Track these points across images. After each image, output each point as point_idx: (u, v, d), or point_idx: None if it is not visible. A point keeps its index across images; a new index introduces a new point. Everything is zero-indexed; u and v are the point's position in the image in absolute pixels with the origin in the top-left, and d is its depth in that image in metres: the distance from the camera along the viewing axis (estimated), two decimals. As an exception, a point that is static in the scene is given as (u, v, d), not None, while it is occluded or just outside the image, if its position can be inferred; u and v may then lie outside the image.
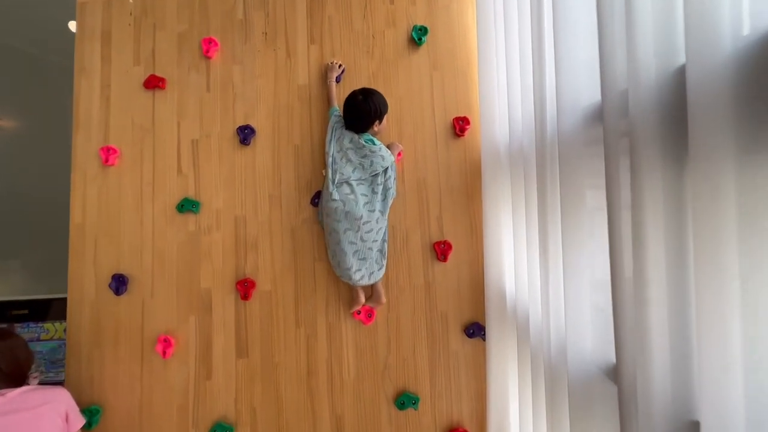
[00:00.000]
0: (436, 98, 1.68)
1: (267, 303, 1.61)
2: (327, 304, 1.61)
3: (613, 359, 0.81)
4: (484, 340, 1.56)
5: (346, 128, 1.55)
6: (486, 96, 1.46)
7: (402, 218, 1.63)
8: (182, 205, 1.63)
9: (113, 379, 1.61)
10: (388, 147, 1.62)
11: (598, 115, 0.83)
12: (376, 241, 1.52)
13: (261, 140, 1.67)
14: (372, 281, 1.52)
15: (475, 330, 1.56)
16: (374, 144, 1.52)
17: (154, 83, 1.67)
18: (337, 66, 1.65)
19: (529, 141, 1.08)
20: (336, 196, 1.49)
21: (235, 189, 1.66)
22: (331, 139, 1.55)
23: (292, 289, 1.62)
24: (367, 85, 1.66)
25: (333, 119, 1.58)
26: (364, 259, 1.50)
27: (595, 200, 0.88)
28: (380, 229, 1.52)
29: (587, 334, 0.91)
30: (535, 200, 1.05)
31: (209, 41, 1.68)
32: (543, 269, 1.02)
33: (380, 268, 1.54)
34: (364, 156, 1.51)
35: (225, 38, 1.71)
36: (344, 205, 1.47)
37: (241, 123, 1.67)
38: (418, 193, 1.64)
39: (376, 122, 1.52)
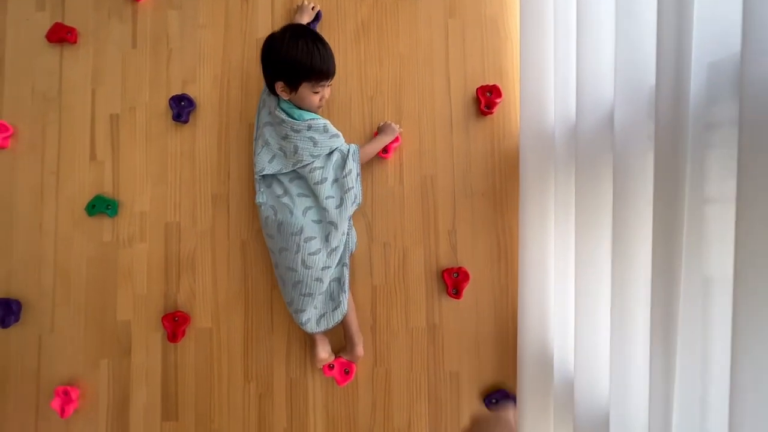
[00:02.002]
0: (453, 60, 1.16)
1: (205, 346, 1.15)
2: (288, 350, 1.14)
3: None
4: (513, 416, 1.06)
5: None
6: (532, 51, 0.94)
7: (398, 232, 1.13)
8: (93, 206, 1.17)
9: (-1, 440, 1.17)
10: (380, 130, 1.12)
11: None
12: (328, 267, 1.01)
13: (203, 117, 1.19)
14: (323, 327, 1.03)
15: (501, 400, 1.06)
16: (296, 119, 0.97)
17: (60, 35, 1.20)
18: (310, 8, 1.14)
19: (634, 109, 0.56)
20: (263, 198, 1.01)
21: (167, 185, 1.18)
22: (258, 110, 1.07)
23: (240, 327, 1.15)
24: (356, 40, 1.17)
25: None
26: (309, 294, 1.00)
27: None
28: (334, 249, 1.02)
29: None
30: (647, 210, 0.54)
31: (135, -24, 1.20)
32: (660, 343, 0.51)
33: (336, 308, 1.03)
34: (285, 137, 0.99)
35: (158, -28, 1.23)
36: (275, 213, 0.99)
37: (176, 92, 1.19)
38: (423, 197, 1.14)
39: (280, 83, 0.95)
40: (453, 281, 1.09)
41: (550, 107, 0.89)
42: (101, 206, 1.17)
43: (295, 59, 0.91)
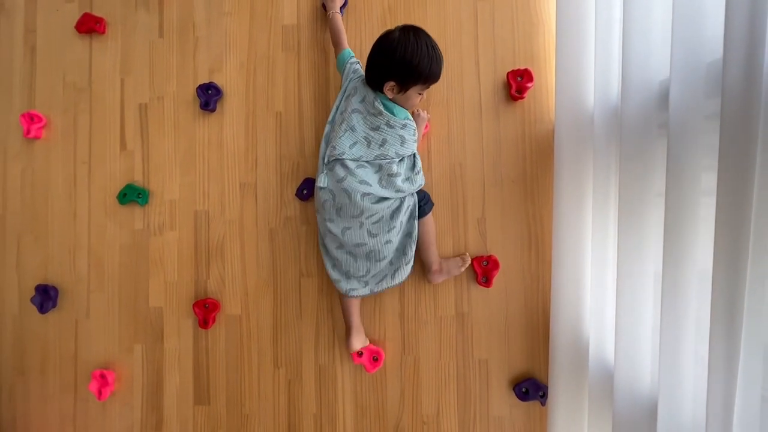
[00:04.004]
0: (482, 43, 1.13)
1: (235, 333, 1.16)
2: (317, 337, 1.15)
3: None
4: (543, 405, 1.05)
5: (365, 81, 1.01)
6: (569, 30, 0.91)
7: (426, 220, 1.12)
8: (125, 194, 1.19)
9: (41, 420, 1.22)
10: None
11: None
12: (393, 228, 0.99)
13: (230, 105, 1.19)
14: (396, 282, 1.04)
15: (531, 389, 1.05)
16: (396, 115, 0.97)
17: (89, 25, 1.22)
18: (339, -7, 1.12)
19: (692, 88, 0.54)
20: (323, 182, 0.99)
21: (196, 173, 1.20)
22: (340, 98, 1.04)
23: (269, 314, 1.16)
24: (382, 24, 1.15)
25: (347, 68, 1.05)
26: (384, 258, 1.01)
27: None
28: (397, 210, 1.00)
29: None
30: (707, 195, 0.52)
31: (161, -36, 1.20)
32: (723, 335, 0.49)
33: (408, 262, 1.03)
34: (377, 128, 0.97)
35: (183, -40, 1.22)
36: (334, 198, 0.98)
37: (203, 80, 1.19)
38: (452, 184, 1.12)
39: (392, 83, 0.93)
40: (483, 269, 1.08)
41: (589, 89, 0.86)
42: (132, 195, 1.19)
43: (417, 64, 0.90)
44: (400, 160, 1.00)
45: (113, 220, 1.21)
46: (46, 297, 1.20)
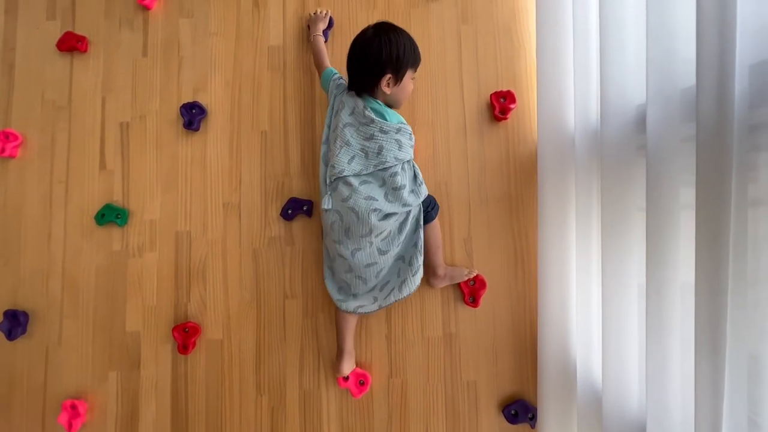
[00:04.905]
0: (466, 66, 1.16)
1: (216, 358, 1.12)
2: (301, 362, 1.11)
3: None
4: (533, 427, 1.04)
5: (349, 90, 1.01)
6: (549, 56, 0.93)
7: (413, 240, 1.11)
8: (103, 215, 1.16)
9: (4, 456, 1.14)
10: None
11: None
12: (400, 243, 0.98)
13: (214, 124, 1.18)
14: (403, 294, 1.00)
15: (520, 411, 1.04)
16: (387, 119, 0.95)
17: (70, 44, 1.20)
18: (323, 15, 1.14)
19: (667, 112, 0.55)
20: (327, 203, 0.96)
21: (178, 193, 1.17)
22: (329, 115, 1.04)
23: (252, 338, 1.12)
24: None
25: (331, 86, 1.05)
26: (392, 273, 1.01)
27: None
28: (404, 222, 0.98)
29: None
30: (684, 213, 0.53)
31: (147, -15, 1.20)
32: (707, 352, 0.49)
33: (415, 273, 1.00)
34: (370, 137, 0.95)
35: (169, -19, 1.23)
36: (341, 218, 0.95)
37: (187, 100, 1.18)
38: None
39: (388, 76, 0.93)
40: (470, 289, 1.07)
41: (570, 112, 0.89)
42: (111, 215, 1.15)
43: (405, 55, 0.93)
44: (402, 169, 0.97)
45: (90, 241, 1.17)
46: (15, 323, 1.14)
